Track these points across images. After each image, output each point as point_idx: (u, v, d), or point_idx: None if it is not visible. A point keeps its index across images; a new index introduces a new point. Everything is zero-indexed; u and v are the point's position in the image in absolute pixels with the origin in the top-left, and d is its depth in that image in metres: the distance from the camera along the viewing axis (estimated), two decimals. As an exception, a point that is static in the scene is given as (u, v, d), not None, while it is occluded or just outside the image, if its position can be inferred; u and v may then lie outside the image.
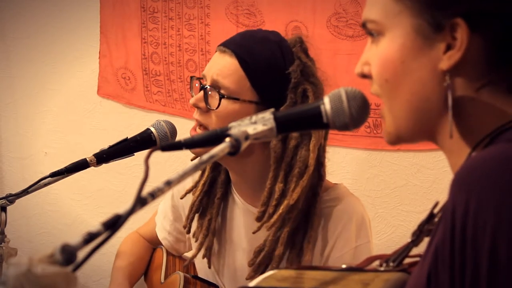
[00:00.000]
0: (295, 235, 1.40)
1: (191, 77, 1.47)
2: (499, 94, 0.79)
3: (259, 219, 1.39)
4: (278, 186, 1.37)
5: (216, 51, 1.44)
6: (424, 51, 0.80)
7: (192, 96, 1.44)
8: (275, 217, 1.36)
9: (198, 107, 1.41)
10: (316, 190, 1.41)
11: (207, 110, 1.39)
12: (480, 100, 0.79)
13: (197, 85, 1.44)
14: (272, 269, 1.39)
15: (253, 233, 1.40)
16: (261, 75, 1.38)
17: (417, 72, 0.81)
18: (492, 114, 0.79)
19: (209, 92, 1.39)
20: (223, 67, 1.39)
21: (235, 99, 1.37)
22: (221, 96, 1.37)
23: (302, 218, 1.40)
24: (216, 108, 1.37)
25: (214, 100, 1.38)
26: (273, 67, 1.38)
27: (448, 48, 0.78)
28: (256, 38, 1.43)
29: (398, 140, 0.87)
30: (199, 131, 1.42)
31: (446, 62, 0.78)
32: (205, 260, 1.56)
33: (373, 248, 1.44)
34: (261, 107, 1.36)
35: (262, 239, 1.42)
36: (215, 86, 1.38)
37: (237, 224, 1.53)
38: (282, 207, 1.35)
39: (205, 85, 1.40)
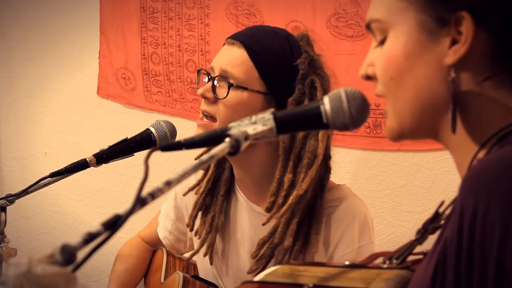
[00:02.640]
0: (300, 227, 1.40)
1: (199, 70, 1.49)
2: (505, 89, 0.79)
3: (268, 209, 1.39)
4: (288, 177, 1.37)
5: (224, 44, 1.45)
6: (428, 46, 0.80)
7: (198, 86, 1.46)
8: (284, 207, 1.36)
9: (205, 97, 1.42)
10: (323, 182, 1.42)
11: (214, 100, 1.40)
12: (485, 95, 0.79)
13: (205, 79, 1.45)
14: (277, 261, 1.39)
15: (263, 224, 1.41)
16: (269, 66, 1.39)
17: (422, 68, 0.81)
18: (498, 110, 0.79)
19: (217, 84, 1.40)
20: (232, 58, 1.40)
21: (244, 88, 1.38)
22: (230, 85, 1.38)
23: (307, 210, 1.40)
24: (225, 97, 1.38)
25: (222, 90, 1.40)
26: (281, 59, 1.40)
27: (453, 43, 0.78)
28: (264, 31, 1.45)
29: (401, 136, 0.86)
30: (206, 120, 1.43)
31: (451, 56, 0.78)
32: (207, 259, 1.56)
33: (375, 249, 1.44)
34: (269, 98, 1.39)
35: (266, 219, 1.42)
36: (224, 76, 1.40)
37: (240, 222, 1.53)
38: (291, 197, 1.36)
39: (213, 76, 1.42)
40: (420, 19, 0.80)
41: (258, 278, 0.87)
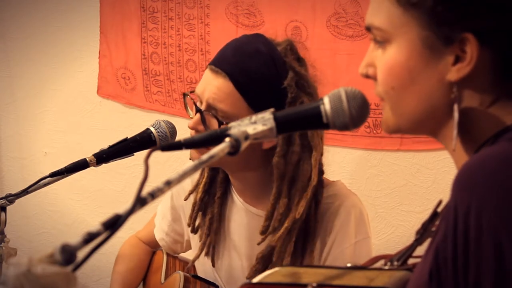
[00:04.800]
0: (297, 242, 1.41)
1: (184, 94, 1.46)
2: (506, 107, 0.79)
3: (263, 233, 1.40)
4: (283, 201, 1.38)
5: (207, 68, 1.40)
6: (431, 62, 0.80)
7: (187, 111, 1.44)
8: (281, 230, 1.37)
9: (197, 130, 1.40)
10: (318, 198, 1.42)
11: None
12: (486, 112, 0.79)
13: (192, 105, 1.42)
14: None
15: (258, 244, 1.42)
16: (257, 93, 1.36)
17: (423, 82, 0.81)
18: (497, 126, 0.79)
19: (206, 115, 1.38)
20: (218, 91, 1.36)
21: None
22: (220, 123, 1.35)
23: (303, 225, 1.41)
24: None
25: (212, 122, 1.37)
26: (268, 84, 1.36)
27: (457, 60, 0.78)
28: (248, 52, 1.38)
29: (397, 132, 0.88)
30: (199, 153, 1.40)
31: (454, 74, 0.78)
32: (205, 259, 1.57)
33: (372, 244, 1.45)
34: None
35: (261, 240, 1.43)
36: (212, 112, 1.37)
37: (235, 224, 1.53)
38: (288, 220, 1.37)
39: (200, 108, 1.38)
40: (423, 35, 0.80)
41: (258, 278, 0.87)
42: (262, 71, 1.36)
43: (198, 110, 1.39)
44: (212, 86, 1.37)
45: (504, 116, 0.79)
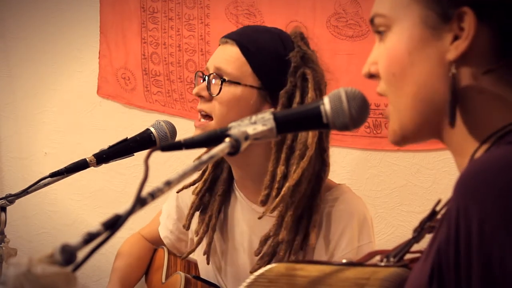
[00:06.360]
0: (300, 221, 1.40)
1: (196, 72, 1.51)
2: (505, 85, 0.79)
3: (263, 202, 1.40)
4: (280, 169, 1.38)
5: (219, 45, 1.48)
6: (431, 42, 0.80)
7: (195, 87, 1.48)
8: (277, 200, 1.37)
9: (201, 96, 1.44)
10: (320, 175, 1.42)
11: (210, 98, 1.42)
12: (485, 91, 0.79)
13: (201, 80, 1.47)
14: (279, 258, 1.39)
15: (259, 218, 1.42)
16: (262, 60, 1.41)
17: (424, 64, 0.81)
18: (497, 107, 0.79)
19: (212, 81, 1.43)
20: (225, 55, 1.43)
21: (237, 83, 1.39)
22: (222, 81, 1.40)
23: (307, 204, 1.40)
24: (218, 94, 1.39)
25: (216, 87, 1.42)
26: (273, 53, 1.42)
27: (455, 39, 0.79)
28: (257, 29, 1.51)
29: (403, 138, 0.86)
30: (203, 121, 1.44)
31: (452, 52, 0.79)
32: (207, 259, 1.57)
33: (376, 249, 1.44)
34: (262, 92, 1.41)
35: (262, 213, 1.43)
36: (218, 73, 1.43)
37: (239, 222, 1.53)
38: (284, 189, 1.36)
39: (208, 74, 1.45)
40: (424, 14, 0.81)
41: (246, 282, 0.87)
42: (269, 42, 1.43)
43: (205, 77, 1.45)
44: (221, 54, 1.45)
45: (508, 98, 0.79)
